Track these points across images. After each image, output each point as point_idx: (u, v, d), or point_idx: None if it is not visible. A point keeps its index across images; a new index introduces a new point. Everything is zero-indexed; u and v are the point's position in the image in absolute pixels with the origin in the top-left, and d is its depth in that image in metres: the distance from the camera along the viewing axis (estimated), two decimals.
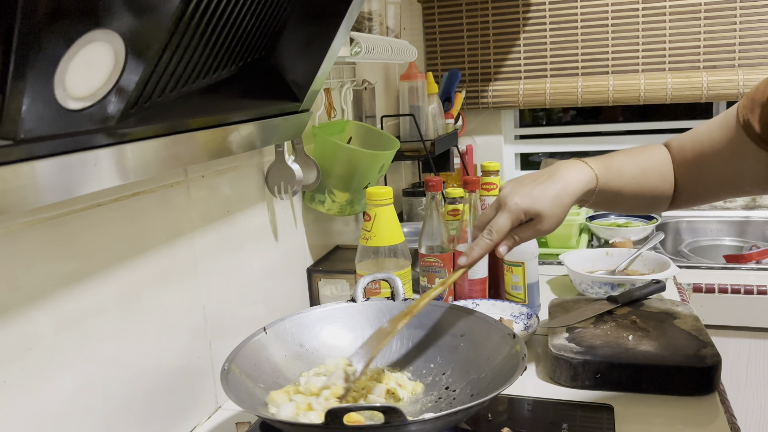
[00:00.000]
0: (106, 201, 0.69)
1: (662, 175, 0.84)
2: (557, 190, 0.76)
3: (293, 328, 0.82)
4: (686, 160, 0.82)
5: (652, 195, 0.84)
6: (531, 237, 0.79)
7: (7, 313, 0.57)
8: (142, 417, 0.75)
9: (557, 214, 0.77)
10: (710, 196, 0.84)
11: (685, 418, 0.81)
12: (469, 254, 0.78)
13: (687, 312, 1.02)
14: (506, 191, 0.78)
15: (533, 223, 0.77)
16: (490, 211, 0.79)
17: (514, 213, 0.76)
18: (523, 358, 0.68)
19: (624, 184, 0.81)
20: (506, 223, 0.76)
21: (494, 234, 0.77)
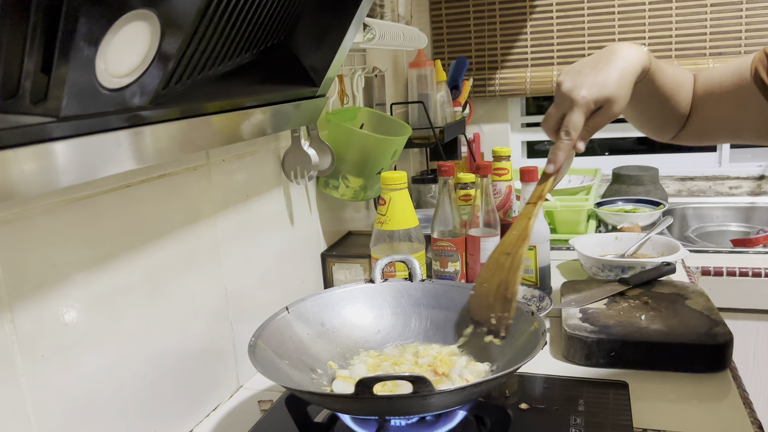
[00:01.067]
0: (134, 182, 0.70)
1: (687, 94, 0.85)
2: (620, 70, 0.75)
3: (314, 307, 0.84)
4: (697, 93, 0.85)
5: (675, 107, 0.85)
6: (604, 123, 0.77)
7: (44, 289, 0.59)
8: (170, 394, 0.77)
9: (625, 94, 0.75)
10: (710, 136, 0.87)
11: (698, 394, 0.82)
12: (553, 160, 0.77)
13: (698, 293, 1.04)
14: (568, 85, 0.75)
15: (604, 110, 0.75)
16: (555, 110, 0.77)
17: (584, 106, 0.74)
18: (543, 334, 0.70)
19: (663, 82, 0.82)
20: (580, 118, 0.74)
21: (572, 133, 0.75)
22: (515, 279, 0.77)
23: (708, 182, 1.95)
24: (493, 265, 0.81)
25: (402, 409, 0.60)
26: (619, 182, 1.81)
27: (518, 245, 0.78)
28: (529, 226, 0.79)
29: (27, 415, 0.57)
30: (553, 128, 0.78)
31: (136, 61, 0.52)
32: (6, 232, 0.55)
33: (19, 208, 0.56)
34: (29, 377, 0.57)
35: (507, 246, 0.80)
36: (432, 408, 0.61)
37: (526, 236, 0.78)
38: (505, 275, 0.78)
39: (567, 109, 0.75)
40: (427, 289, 0.87)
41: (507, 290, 0.78)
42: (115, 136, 0.55)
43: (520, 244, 0.78)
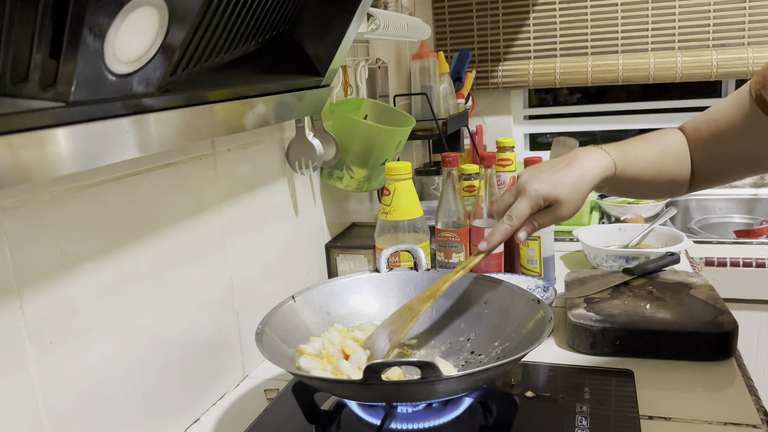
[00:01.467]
0: (141, 170, 0.70)
1: (678, 159, 0.85)
2: (576, 176, 0.78)
3: (320, 296, 0.84)
4: (702, 139, 0.83)
5: (669, 179, 0.85)
6: (549, 223, 0.80)
7: (52, 277, 0.59)
8: (177, 383, 0.77)
9: (576, 199, 0.78)
10: (729, 174, 0.85)
11: (704, 382, 0.82)
12: (489, 240, 0.80)
13: (702, 282, 1.04)
14: (525, 177, 0.79)
15: (552, 209, 0.78)
16: (508, 197, 0.80)
17: (533, 199, 0.77)
18: (549, 321, 0.70)
19: (640, 169, 0.82)
20: (526, 208, 0.77)
21: (514, 220, 0.78)
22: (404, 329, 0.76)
23: None
24: (396, 316, 0.79)
25: (410, 395, 0.60)
26: None
27: (423, 302, 0.78)
28: (441, 289, 0.79)
29: (36, 401, 0.57)
30: (501, 213, 0.80)
31: (144, 47, 0.52)
32: (14, 219, 0.55)
33: (27, 195, 0.56)
34: (38, 364, 0.57)
35: (414, 302, 0.79)
36: (440, 394, 0.61)
37: (433, 296, 0.78)
38: (397, 325, 0.77)
39: (516, 197, 0.79)
40: (432, 279, 0.87)
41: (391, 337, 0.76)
42: (123, 123, 0.55)
43: (425, 301, 0.78)
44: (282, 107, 0.86)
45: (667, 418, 0.75)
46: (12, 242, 0.55)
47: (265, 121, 0.81)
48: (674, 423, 0.74)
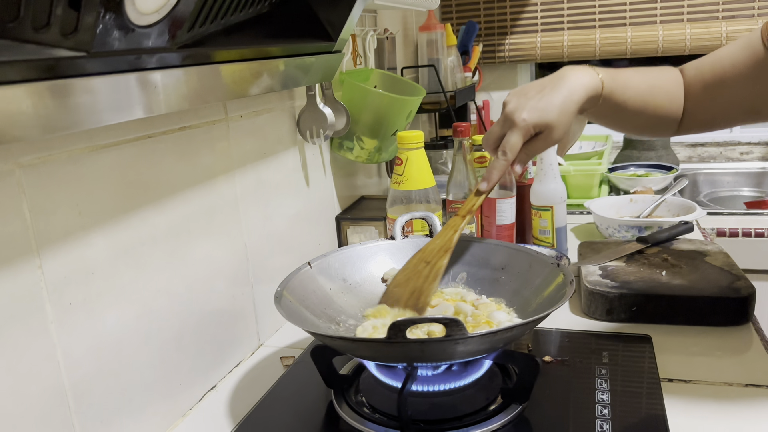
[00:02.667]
0: (156, 133, 0.69)
1: (670, 96, 0.83)
2: (563, 97, 0.75)
3: (336, 263, 0.83)
4: (705, 81, 0.81)
5: (656, 114, 0.82)
6: (542, 149, 0.77)
7: (70, 237, 0.58)
8: (194, 348, 0.76)
9: (565, 122, 0.75)
10: (724, 120, 0.84)
11: (722, 346, 0.82)
12: (488, 178, 0.78)
13: (716, 250, 1.04)
14: (512, 107, 0.76)
15: (543, 135, 0.76)
16: (496, 129, 0.78)
17: (523, 129, 0.74)
18: (570, 283, 0.69)
19: (629, 97, 0.80)
20: (518, 140, 0.75)
21: (508, 154, 0.75)
22: (430, 290, 0.75)
23: (719, 148, 1.94)
24: (411, 271, 0.79)
25: (434, 354, 0.60)
26: (630, 148, 1.80)
27: (439, 256, 0.77)
28: (453, 239, 0.78)
29: (57, 362, 0.57)
30: (492, 146, 0.78)
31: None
32: (32, 177, 0.54)
33: (45, 152, 0.55)
34: (58, 325, 0.57)
35: (428, 254, 0.78)
36: (463, 354, 0.61)
37: (448, 248, 0.77)
38: (421, 283, 0.75)
39: (507, 130, 0.76)
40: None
41: (419, 300, 0.75)
42: (144, 77, 0.53)
43: (441, 255, 0.77)
44: (295, 71, 0.84)
45: (687, 380, 0.74)
46: (30, 200, 0.54)
47: (278, 85, 0.80)
48: (694, 385, 0.73)
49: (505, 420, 0.66)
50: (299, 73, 0.86)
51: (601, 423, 0.65)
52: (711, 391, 0.72)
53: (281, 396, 0.76)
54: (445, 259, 0.77)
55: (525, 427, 0.66)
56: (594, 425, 0.65)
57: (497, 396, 0.70)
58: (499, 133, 0.77)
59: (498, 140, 0.77)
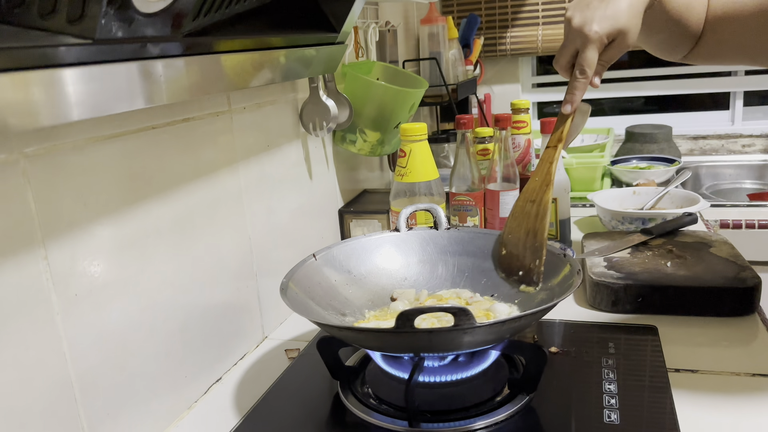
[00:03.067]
0: (160, 124, 0.69)
1: (698, 14, 0.80)
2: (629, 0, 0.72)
3: (341, 255, 0.83)
4: (714, 14, 0.80)
5: (686, 28, 0.80)
6: (617, 56, 0.75)
7: (76, 228, 0.58)
8: (199, 341, 0.76)
9: (636, 24, 0.73)
10: (724, 58, 0.82)
11: (728, 337, 0.82)
12: (570, 100, 0.76)
13: (721, 241, 1.03)
14: (579, 20, 0.72)
15: (617, 42, 0.73)
16: (567, 47, 0.74)
17: (597, 41, 0.72)
18: (578, 273, 0.69)
19: (673, 5, 0.78)
20: (594, 54, 0.72)
21: (587, 70, 0.73)
22: (543, 226, 0.77)
23: (721, 141, 1.94)
24: (519, 214, 0.81)
25: (442, 343, 0.60)
26: (632, 141, 1.80)
27: (542, 191, 0.77)
28: (551, 171, 0.78)
29: (63, 354, 0.56)
30: (566, 66, 0.76)
31: None
32: (37, 167, 0.54)
33: (49, 142, 0.55)
34: (64, 316, 0.56)
35: (531, 193, 0.79)
36: (470, 344, 0.61)
37: (549, 181, 0.77)
38: (533, 223, 0.78)
39: (580, 46, 0.73)
40: (453, 237, 0.87)
41: (536, 238, 0.78)
42: (149, 66, 0.53)
43: (544, 189, 0.77)
44: (299, 62, 0.84)
45: (694, 370, 0.74)
46: (35, 190, 0.53)
47: (281, 76, 0.80)
48: (701, 375, 0.73)
49: (512, 410, 0.66)
50: (302, 65, 0.86)
51: (608, 413, 0.65)
52: (718, 381, 0.72)
53: (287, 388, 0.75)
54: (549, 193, 0.77)
55: (532, 417, 0.66)
56: (602, 415, 0.65)
57: (504, 387, 0.70)
58: (571, 51, 0.74)
59: (571, 59, 0.75)
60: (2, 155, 0.50)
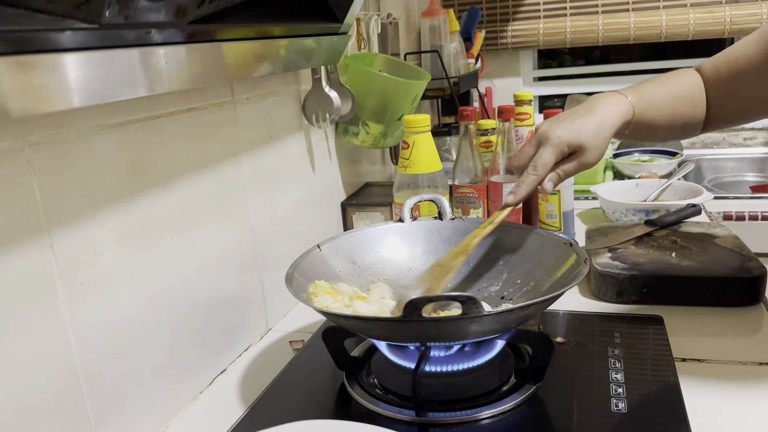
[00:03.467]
0: (164, 114, 0.68)
1: (693, 101, 0.83)
2: (597, 122, 0.75)
3: (345, 246, 0.82)
4: (722, 80, 0.81)
5: (684, 122, 0.83)
6: (574, 171, 0.77)
7: (81, 218, 0.57)
8: (204, 333, 0.76)
9: (599, 145, 0.75)
10: (746, 115, 0.83)
11: (734, 327, 0.82)
12: (516, 192, 0.77)
13: (725, 233, 1.03)
14: (545, 127, 0.77)
15: (576, 156, 0.76)
16: (529, 150, 0.78)
17: (557, 146, 0.74)
18: (585, 261, 0.69)
19: (657, 113, 0.80)
20: (551, 157, 0.75)
21: (539, 169, 0.75)
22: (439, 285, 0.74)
23: (722, 134, 1.93)
24: (425, 274, 0.78)
25: (449, 332, 0.59)
26: None
27: (455, 257, 0.76)
28: (472, 243, 0.77)
29: (69, 343, 0.56)
30: (523, 166, 0.78)
31: None
32: (42, 155, 0.53)
33: (54, 130, 0.54)
34: (70, 305, 0.56)
35: (444, 259, 0.77)
36: (477, 333, 0.60)
37: (466, 251, 0.76)
38: (431, 282, 0.74)
39: (539, 146, 0.76)
40: (457, 227, 0.86)
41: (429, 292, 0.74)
42: (154, 52, 0.53)
43: (457, 256, 0.76)
44: (301, 53, 0.84)
45: (701, 360, 0.74)
46: (40, 178, 0.53)
47: (283, 66, 0.79)
48: (708, 364, 0.73)
49: (519, 400, 0.66)
50: (305, 55, 0.85)
51: (616, 402, 0.65)
52: (725, 370, 0.71)
53: (292, 379, 0.75)
54: (461, 259, 0.76)
55: (539, 406, 0.66)
56: (609, 404, 0.65)
57: (510, 376, 0.70)
58: (531, 153, 0.77)
59: (529, 160, 0.77)
60: (7, 143, 0.50)
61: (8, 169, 0.50)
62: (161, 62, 0.56)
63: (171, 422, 0.70)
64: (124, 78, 0.52)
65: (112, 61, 0.49)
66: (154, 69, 0.55)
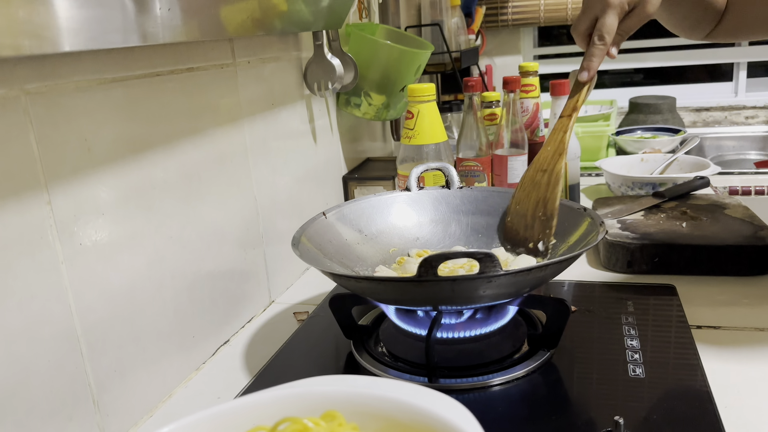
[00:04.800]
0: (163, 71, 0.66)
1: None
2: None
3: (351, 214, 0.80)
4: None
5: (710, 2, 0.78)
6: (636, 26, 0.72)
7: (80, 174, 0.55)
8: (207, 301, 0.74)
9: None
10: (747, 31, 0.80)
11: (748, 295, 0.80)
12: (588, 67, 0.73)
13: (735, 203, 1.01)
14: None
15: (637, 11, 0.70)
16: (585, 14, 0.72)
17: (618, 7, 0.69)
18: (601, 224, 0.67)
19: None
20: (614, 21, 0.70)
21: (606, 36, 0.70)
22: (554, 196, 0.74)
23: (724, 112, 1.92)
24: (529, 184, 0.78)
25: (464, 293, 0.57)
26: (636, 111, 1.77)
27: (555, 161, 0.74)
28: (565, 140, 0.75)
29: (69, 305, 0.54)
30: (584, 34, 0.73)
31: None
32: (39, 106, 0.50)
33: (51, 81, 0.52)
34: (69, 265, 0.54)
35: (542, 163, 0.76)
36: (492, 296, 0.58)
37: (562, 151, 0.74)
38: (543, 192, 0.75)
39: (599, 12, 0.71)
40: (466, 196, 0.84)
41: (546, 208, 0.75)
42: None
43: (556, 159, 0.74)
44: (305, 12, 0.81)
45: (717, 327, 0.72)
46: (38, 130, 0.50)
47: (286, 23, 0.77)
48: (724, 331, 0.71)
49: (533, 366, 0.64)
50: (309, 16, 0.83)
51: (633, 367, 0.63)
52: (742, 337, 0.70)
53: (298, 348, 0.73)
54: (561, 162, 0.74)
55: (553, 372, 0.64)
56: (626, 369, 0.63)
57: (523, 344, 0.68)
58: (589, 18, 0.72)
59: (589, 27, 0.72)
60: (2, 90, 0.47)
61: (3, 117, 0.47)
62: (156, 9, 0.53)
63: (174, 391, 0.67)
64: (116, 22, 0.50)
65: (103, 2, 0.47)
66: (146, 16, 0.53)
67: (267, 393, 0.38)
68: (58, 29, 0.45)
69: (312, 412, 0.36)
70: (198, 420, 0.36)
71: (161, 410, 0.64)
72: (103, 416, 0.57)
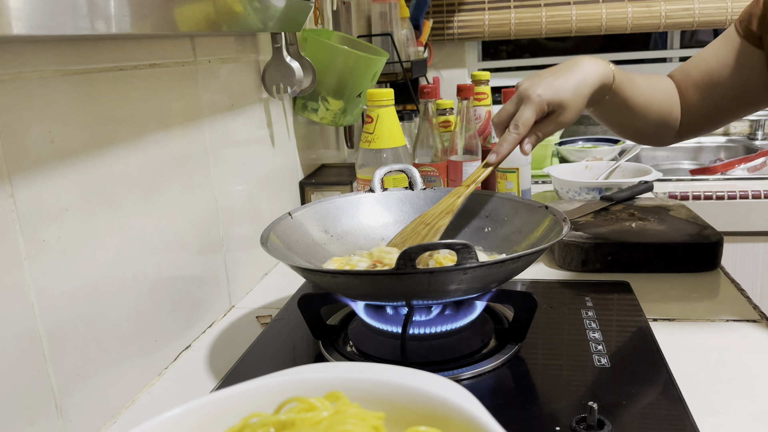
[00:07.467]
0: (126, 66, 0.64)
1: (669, 95, 0.84)
2: (578, 80, 0.75)
3: (316, 215, 0.80)
4: (695, 82, 0.83)
5: (659, 115, 0.84)
6: (553, 131, 0.77)
7: (43, 167, 0.53)
8: (169, 304, 0.71)
9: (578, 104, 0.75)
10: (720, 116, 0.85)
11: (697, 289, 0.84)
12: (498, 151, 0.76)
13: (678, 205, 1.07)
14: (526, 85, 0.76)
15: (555, 116, 0.75)
16: (509, 107, 0.77)
17: (537, 104, 0.74)
18: (564, 220, 0.69)
19: (634, 92, 0.81)
20: (531, 115, 0.74)
21: (521, 128, 0.74)
22: None
23: None
24: (408, 233, 0.78)
25: (439, 287, 0.58)
26: (577, 123, 1.84)
27: (440, 217, 0.76)
28: (456, 204, 0.77)
29: (31, 303, 0.51)
30: (503, 125, 0.77)
31: None
32: (1, 94, 0.48)
33: (14, 69, 0.49)
34: (32, 262, 0.51)
35: (428, 217, 0.77)
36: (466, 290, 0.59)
37: (451, 210, 0.76)
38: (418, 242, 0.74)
39: (520, 105, 0.76)
40: (429, 197, 0.85)
41: None
42: None
43: (443, 216, 0.76)
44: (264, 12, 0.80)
45: (671, 319, 0.76)
46: (0, 118, 0.48)
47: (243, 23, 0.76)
48: (679, 323, 0.75)
49: (502, 359, 0.65)
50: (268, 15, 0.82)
51: (598, 357, 0.65)
52: (696, 327, 0.73)
53: (265, 351, 0.72)
54: (447, 219, 0.75)
55: (522, 365, 0.65)
56: (592, 359, 0.65)
57: (491, 339, 0.69)
58: (511, 111, 0.76)
59: (509, 118, 0.76)
60: None
61: None
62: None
63: (137, 397, 0.65)
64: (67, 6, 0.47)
65: None
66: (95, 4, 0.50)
67: (261, 380, 0.38)
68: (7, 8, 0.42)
69: (313, 396, 0.36)
70: (190, 409, 0.35)
71: (125, 416, 0.62)
72: (66, 422, 0.54)
